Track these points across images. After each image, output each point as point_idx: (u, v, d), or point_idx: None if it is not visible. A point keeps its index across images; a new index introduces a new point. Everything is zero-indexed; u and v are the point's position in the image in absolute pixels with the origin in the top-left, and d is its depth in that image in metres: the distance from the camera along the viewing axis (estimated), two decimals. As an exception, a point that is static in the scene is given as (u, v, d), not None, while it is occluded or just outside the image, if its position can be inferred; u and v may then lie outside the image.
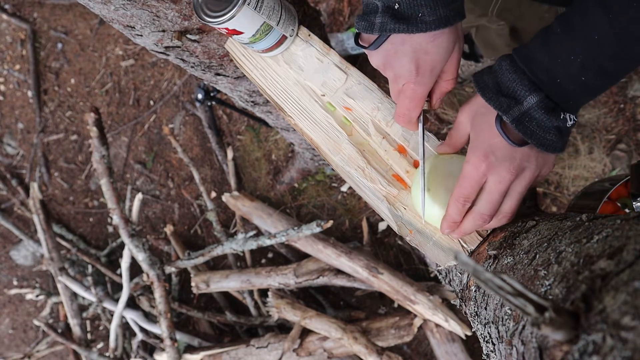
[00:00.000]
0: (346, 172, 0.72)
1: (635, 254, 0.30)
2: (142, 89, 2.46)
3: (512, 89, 0.53)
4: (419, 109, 0.61)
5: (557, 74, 0.51)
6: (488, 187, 0.56)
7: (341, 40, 1.80)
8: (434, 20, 0.52)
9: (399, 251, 2.00)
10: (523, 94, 0.52)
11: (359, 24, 0.57)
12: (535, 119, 0.52)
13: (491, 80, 0.55)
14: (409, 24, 0.52)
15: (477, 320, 0.57)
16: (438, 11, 0.52)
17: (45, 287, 2.65)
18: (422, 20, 0.52)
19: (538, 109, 0.52)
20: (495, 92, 0.54)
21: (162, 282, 1.58)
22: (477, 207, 0.57)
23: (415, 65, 0.56)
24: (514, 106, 0.52)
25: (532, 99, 0.51)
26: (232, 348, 1.80)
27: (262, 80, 0.74)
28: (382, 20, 0.53)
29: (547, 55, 0.51)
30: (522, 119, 0.52)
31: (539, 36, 0.53)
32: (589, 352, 0.27)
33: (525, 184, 0.56)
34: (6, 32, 2.72)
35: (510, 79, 0.53)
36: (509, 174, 0.55)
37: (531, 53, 0.52)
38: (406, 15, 0.52)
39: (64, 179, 2.64)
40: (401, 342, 1.69)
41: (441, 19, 0.52)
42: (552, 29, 0.51)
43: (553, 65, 0.50)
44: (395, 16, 0.53)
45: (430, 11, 0.52)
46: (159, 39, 0.76)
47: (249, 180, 2.23)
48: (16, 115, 2.73)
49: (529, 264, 0.46)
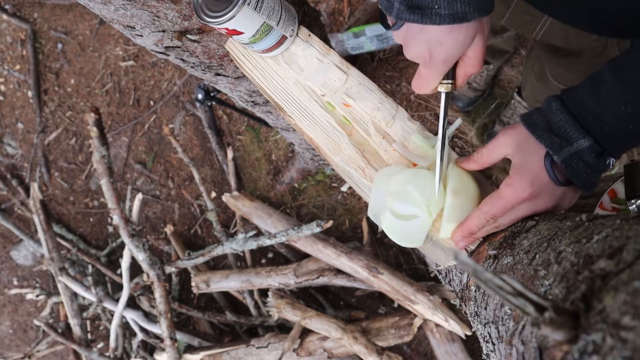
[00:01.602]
0: (346, 172, 0.72)
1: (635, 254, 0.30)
2: (142, 89, 2.46)
3: (564, 130, 0.53)
4: (432, 87, 0.61)
5: (606, 122, 0.51)
6: (519, 209, 0.58)
7: (341, 40, 1.80)
8: (449, 15, 0.50)
9: (399, 251, 2.00)
10: (575, 136, 0.52)
11: (381, 0, 0.56)
12: (584, 161, 0.53)
13: (541, 119, 0.55)
14: (423, 15, 0.51)
15: (477, 320, 0.57)
16: (455, 6, 0.50)
17: (46, 287, 2.65)
18: (437, 12, 0.51)
19: (589, 153, 0.53)
20: (546, 131, 0.54)
21: (162, 282, 1.58)
22: (500, 220, 0.59)
23: (429, 54, 0.55)
24: (565, 146, 0.53)
25: (584, 143, 0.52)
26: (232, 348, 1.80)
27: (262, 80, 0.74)
28: (399, 6, 0.52)
29: (598, 103, 0.51)
30: (571, 160, 0.53)
31: (588, 83, 0.53)
32: (589, 352, 0.27)
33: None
34: (6, 33, 2.72)
35: (562, 120, 0.53)
36: (544, 207, 0.57)
37: (581, 98, 0.53)
38: (422, 5, 0.51)
39: (64, 179, 2.64)
40: (401, 342, 1.69)
41: (457, 14, 0.50)
42: (603, 77, 0.52)
43: (603, 113, 0.51)
44: (411, 5, 0.51)
45: (447, 4, 0.50)
46: (159, 39, 0.76)
47: (249, 180, 2.23)
48: (16, 115, 2.73)
49: (528, 264, 0.46)
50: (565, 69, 1.02)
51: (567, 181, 0.56)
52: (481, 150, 0.62)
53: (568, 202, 0.59)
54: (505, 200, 0.57)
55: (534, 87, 1.26)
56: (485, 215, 0.59)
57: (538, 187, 0.56)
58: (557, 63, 1.04)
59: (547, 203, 0.57)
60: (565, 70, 1.02)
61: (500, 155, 0.60)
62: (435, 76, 0.58)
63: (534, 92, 1.30)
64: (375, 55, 1.94)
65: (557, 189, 0.56)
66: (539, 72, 1.15)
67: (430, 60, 0.56)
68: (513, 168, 0.58)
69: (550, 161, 0.55)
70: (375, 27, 1.78)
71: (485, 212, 0.59)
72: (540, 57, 1.13)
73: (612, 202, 0.71)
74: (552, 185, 0.56)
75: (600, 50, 0.85)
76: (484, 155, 0.61)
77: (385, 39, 1.78)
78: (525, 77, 1.34)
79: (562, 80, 1.05)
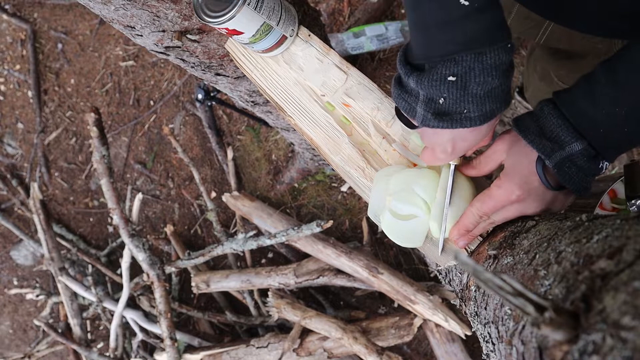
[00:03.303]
0: (346, 172, 0.72)
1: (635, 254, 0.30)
2: (142, 89, 2.46)
3: (556, 134, 0.52)
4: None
5: (600, 124, 0.50)
6: (509, 209, 0.58)
7: (341, 40, 1.80)
8: (479, 116, 0.50)
9: (399, 251, 2.00)
10: (567, 139, 0.51)
11: (398, 101, 0.55)
12: (577, 165, 0.52)
13: (533, 124, 0.54)
14: (452, 121, 0.50)
15: (477, 320, 0.57)
16: (485, 107, 0.49)
17: (46, 287, 2.65)
18: (467, 117, 0.50)
19: (582, 157, 0.51)
20: (537, 135, 0.53)
21: (162, 282, 1.58)
22: (493, 217, 0.60)
23: (452, 148, 0.56)
24: (557, 150, 0.52)
25: (576, 146, 0.51)
26: (232, 348, 1.80)
27: (262, 80, 0.74)
28: (425, 114, 0.51)
29: (591, 105, 0.50)
30: (563, 164, 0.52)
31: (581, 84, 0.52)
32: (589, 352, 0.27)
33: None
34: (6, 33, 2.72)
35: (554, 124, 0.52)
36: (533, 210, 0.57)
37: (574, 100, 0.52)
38: (450, 112, 0.50)
39: (64, 179, 2.64)
40: (401, 342, 1.69)
41: (487, 114, 0.50)
42: (596, 78, 0.50)
43: (597, 115, 0.50)
44: (438, 113, 0.50)
45: (477, 107, 0.49)
46: (159, 39, 0.76)
47: (249, 180, 2.23)
48: (16, 115, 2.73)
49: (528, 263, 0.46)
50: (570, 70, 1.01)
51: (558, 185, 0.55)
52: (479, 158, 0.62)
53: (559, 205, 0.59)
54: (495, 200, 0.58)
55: (537, 88, 1.25)
56: (477, 212, 0.59)
57: (527, 191, 0.55)
58: (560, 65, 1.03)
59: (536, 207, 0.57)
60: (569, 71, 1.01)
61: (498, 161, 0.60)
62: (451, 160, 0.60)
63: (537, 92, 1.29)
64: (375, 55, 1.94)
65: (547, 192, 0.56)
66: (542, 72, 1.15)
67: (451, 152, 0.57)
68: (504, 170, 0.58)
69: (542, 165, 0.54)
70: (375, 27, 1.78)
71: (477, 208, 0.59)
72: (543, 58, 1.12)
73: (612, 202, 0.71)
74: (543, 189, 0.55)
75: (604, 51, 0.84)
76: (482, 163, 0.62)
77: (385, 39, 1.78)
78: (527, 78, 1.34)
79: (567, 81, 1.04)
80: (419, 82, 0.49)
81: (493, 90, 0.49)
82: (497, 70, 0.47)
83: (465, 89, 0.48)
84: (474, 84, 0.48)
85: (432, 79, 0.48)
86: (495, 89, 0.49)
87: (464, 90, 0.48)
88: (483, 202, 0.59)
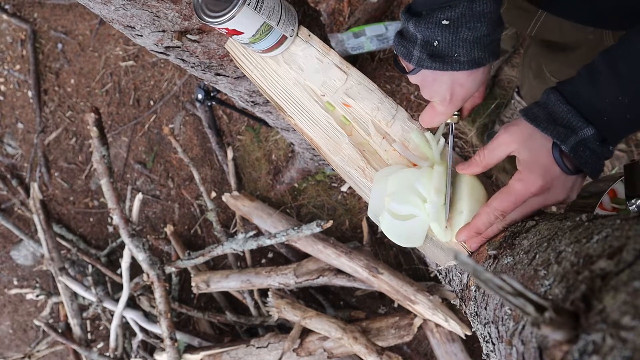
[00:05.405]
0: (346, 172, 0.72)
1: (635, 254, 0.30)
2: (142, 89, 2.46)
3: (567, 120, 0.54)
4: (443, 122, 0.66)
5: (604, 112, 0.52)
6: (530, 203, 0.58)
7: (341, 40, 1.80)
8: (468, 61, 0.56)
9: (399, 251, 2.00)
10: (579, 125, 0.54)
11: (397, 47, 0.60)
12: (590, 149, 0.54)
13: (542, 112, 0.56)
14: (444, 63, 0.56)
15: (477, 320, 0.57)
16: (473, 53, 0.55)
17: (46, 287, 2.65)
18: (457, 60, 0.56)
19: (594, 141, 0.54)
20: (550, 122, 0.55)
21: (162, 282, 1.58)
22: (510, 216, 0.59)
23: (450, 94, 0.60)
24: (570, 135, 0.54)
25: (588, 131, 0.53)
26: (232, 348, 1.80)
27: (262, 80, 0.74)
28: (420, 55, 0.57)
29: (595, 95, 0.52)
30: (578, 149, 0.54)
31: (584, 74, 0.54)
32: (589, 352, 0.27)
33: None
34: (6, 32, 2.72)
35: (564, 110, 0.54)
36: (555, 200, 0.58)
37: (578, 90, 0.54)
38: (443, 54, 0.56)
39: (64, 179, 2.64)
40: (401, 342, 1.69)
41: (475, 61, 0.56)
42: (597, 68, 0.53)
43: (601, 104, 0.52)
44: (433, 54, 0.56)
45: (466, 52, 0.55)
46: (159, 39, 0.76)
47: (249, 180, 2.23)
48: (16, 115, 2.73)
49: (528, 263, 0.46)
50: (562, 63, 1.01)
51: (576, 169, 0.56)
52: (482, 152, 0.61)
53: (576, 191, 0.60)
54: (515, 195, 0.57)
55: (531, 86, 1.26)
56: (494, 212, 0.58)
57: (550, 180, 0.56)
58: (553, 58, 1.04)
59: (558, 195, 0.57)
60: (561, 65, 1.02)
61: (503, 154, 0.59)
62: (450, 113, 0.63)
63: (531, 91, 1.30)
64: (375, 55, 1.94)
65: (568, 179, 0.57)
66: (536, 70, 1.15)
67: (450, 100, 0.61)
68: (522, 164, 0.57)
69: (559, 152, 0.55)
70: (375, 27, 1.78)
71: (494, 208, 0.58)
72: (537, 55, 1.13)
73: (612, 202, 0.71)
74: (564, 177, 0.56)
75: (595, 43, 0.85)
76: (486, 156, 0.61)
77: (385, 39, 1.78)
78: (522, 76, 1.34)
79: (559, 75, 1.06)
80: (417, 25, 0.55)
81: (482, 38, 0.54)
82: (485, 17, 0.53)
83: (456, 33, 0.54)
84: (464, 28, 0.53)
85: (428, 21, 0.54)
86: (484, 38, 0.55)
87: (455, 35, 0.54)
88: (502, 200, 0.58)
